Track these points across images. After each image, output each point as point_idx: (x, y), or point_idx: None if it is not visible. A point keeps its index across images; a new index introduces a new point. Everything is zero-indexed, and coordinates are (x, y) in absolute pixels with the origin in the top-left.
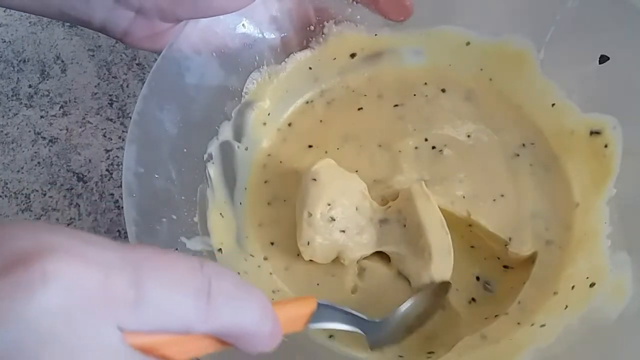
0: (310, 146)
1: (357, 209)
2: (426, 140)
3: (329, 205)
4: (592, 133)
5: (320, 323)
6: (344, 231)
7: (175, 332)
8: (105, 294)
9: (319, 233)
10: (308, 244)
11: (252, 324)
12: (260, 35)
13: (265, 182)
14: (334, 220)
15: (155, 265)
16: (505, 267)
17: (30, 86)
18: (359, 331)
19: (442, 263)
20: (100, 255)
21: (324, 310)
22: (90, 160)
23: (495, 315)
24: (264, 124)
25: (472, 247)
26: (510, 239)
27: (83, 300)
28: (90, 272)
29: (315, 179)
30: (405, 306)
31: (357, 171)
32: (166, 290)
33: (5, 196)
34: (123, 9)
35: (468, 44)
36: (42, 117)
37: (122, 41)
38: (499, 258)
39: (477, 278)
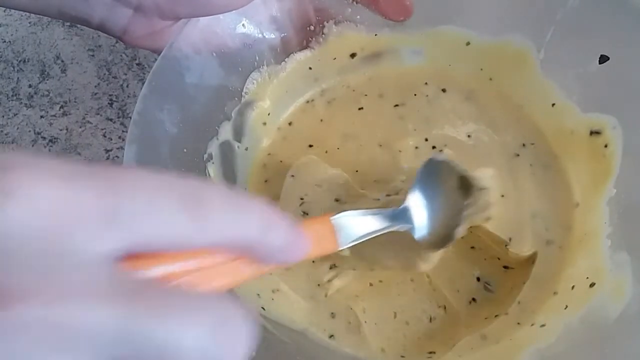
0: (310, 145)
1: (337, 200)
2: (426, 140)
3: (302, 199)
4: (592, 133)
5: (351, 239)
6: None
7: (170, 245)
8: (75, 207)
9: None
10: None
11: (257, 230)
12: (260, 35)
13: (266, 181)
14: (307, 214)
15: (130, 176)
16: (505, 267)
17: (30, 86)
18: (397, 227)
19: None
20: (67, 168)
21: (344, 224)
22: (90, 160)
23: (496, 315)
24: (264, 123)
25: (472, 247)
26: (510, 239)
27: (51, 214)
28: (57, 183)
29: (293, 176)
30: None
31: (357, 171)
32: (146, 197)
33: None
34: (122, 7)
35: (468, 44)
36: (42, 117)
37: (121, 40)
38: (499, 258)
39: (478, 279)
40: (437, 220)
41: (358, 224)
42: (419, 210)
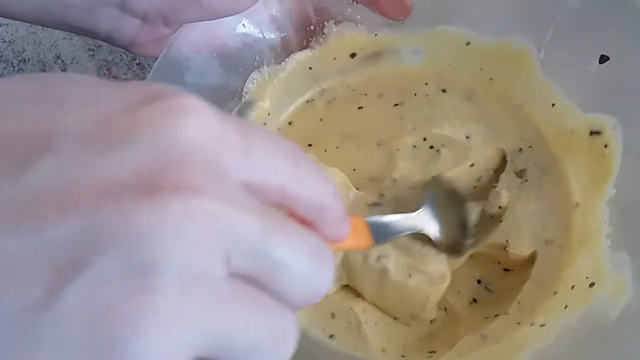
0: (310, 145)
1: None
2: (425, 139)
3: None
4: (592, 133)
5: (384, 238)
6: None
7: (276, 187)
8: (228, 137)
9: None
10: None
11: (331, 197)
12: (260, 35)
13: None
14: None
15: (259, 128)
16: (505, 270)
17: None
18: (418, 231)
19: None
20: (216, 110)
21: (377, 226)
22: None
23: (495, 315)
24: (264, 123)
25: (471, 255)
26: (508, 240)
27: (213, 135)
28: (214, 113)
29: None
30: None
31: (354, 170)
32: (268, 145)
33: None
34: (129, 17)
35: (468, 44)
36: None
37: (128, 49)
38: (499, 262)
39: (479, 281)
40: (451, 228)
41: (389, 226)
42: (435, 216)
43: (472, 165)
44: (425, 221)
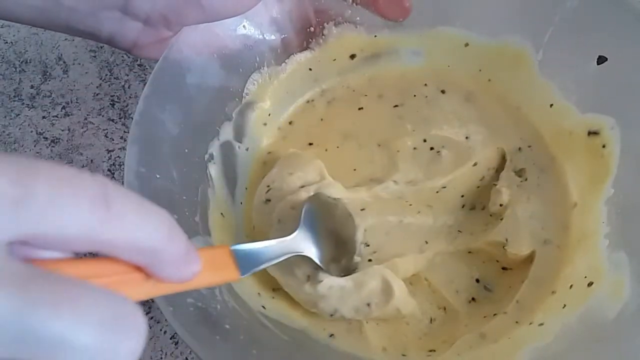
0: (310, 144)
1: (302, 187)
2: (425, 141)
3: (268, 187)
4: (590, 133)
5: (252, 268)
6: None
7: (73, 238)
8: None
9: (258, 215)
10: (254, 228)
11: (161, 237)
12: (260, 36)
13: None
14: (269, 201)
15: (44, 167)
16: (504, 268)
17: (32, 87)
18: (293, 254)
19: None
20: None
21: (244, 256)
22: (92, 161)
23: (494, 315)
24: (265, 124)
25: (469, 252)
26: (507, 240)
27: None
28: None
29: (274, 167)
30: (304, 215)
31: (355, 169)
32: (57, 189)
33: None
34: (131, 20)
35: (467, 45)
36: (44, 117)
37: (129, 52)
38: (497, 261)
39: (477, 280)
40: (328, 247)
41: (258, 254)
42: (310, 238)
43: (475, 164)
44: (303, 243)
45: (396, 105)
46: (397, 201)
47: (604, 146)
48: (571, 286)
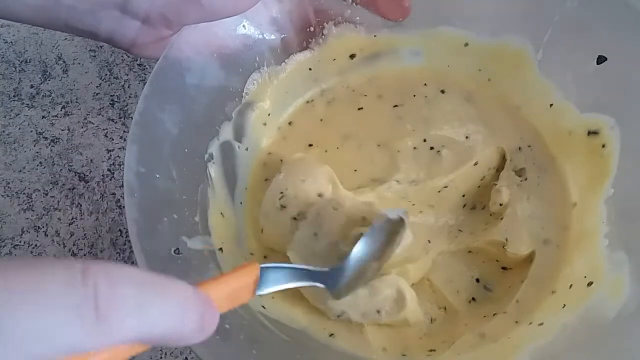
0: (310, 145)
1: (320, 195)
2: (425, 141)
3: (282, 194)
4: (590, 133)
5: (269, 288)
6: (296, 218)
7: (64, 356)
8: None
9: (270, 221)
10: (262, 231)
11: (172, 323)
12: (260, 36)
13: (266, 180)
14: (285, 207)
15: (22, 288)
16: (504, 268)
17: (32, 87)
18: (316, 284)
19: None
20: None
21: (269, 274)
22: (92, 161)
23: (494, 314)
24: (265, 124)
25: (470, 252)
26: (507, 239)
27: None
28: None
29: (281, 172)
30: (356, 249)
31: (356, 170)
32: (37, 317)
33: (8, 196)
34: (130, 20)
35: (467, 45)
36: (44, 117)
37: (129, 52)
38: (497, 260)
39: (477, 280)
40: (352, 283)
41: (281, 279)
42: (347, 273)
43: (475, 164)
44: (332, 280)
45: (396, 106)
46: (401, 201)
47: (603, 146)
48: (571, 286)
